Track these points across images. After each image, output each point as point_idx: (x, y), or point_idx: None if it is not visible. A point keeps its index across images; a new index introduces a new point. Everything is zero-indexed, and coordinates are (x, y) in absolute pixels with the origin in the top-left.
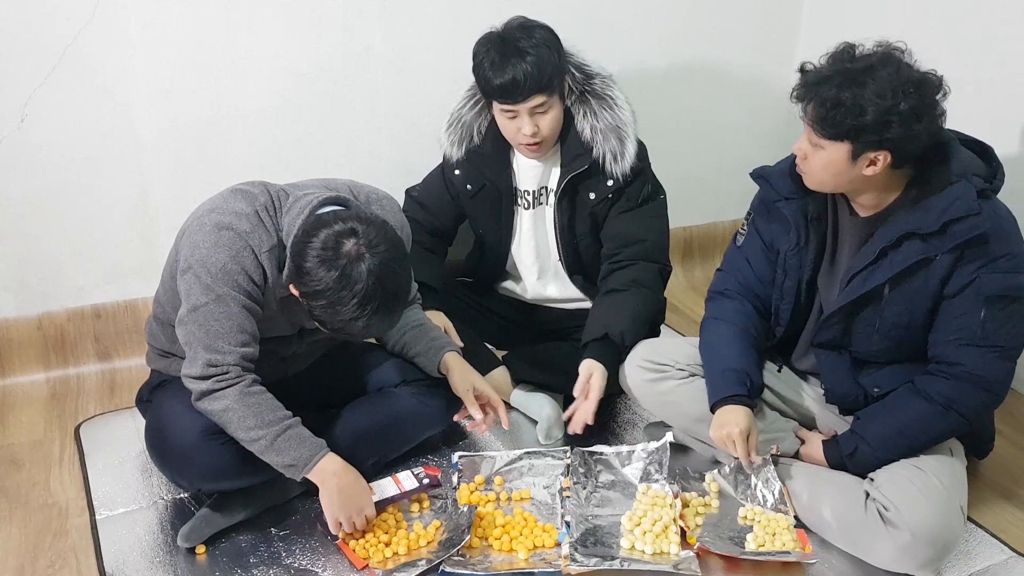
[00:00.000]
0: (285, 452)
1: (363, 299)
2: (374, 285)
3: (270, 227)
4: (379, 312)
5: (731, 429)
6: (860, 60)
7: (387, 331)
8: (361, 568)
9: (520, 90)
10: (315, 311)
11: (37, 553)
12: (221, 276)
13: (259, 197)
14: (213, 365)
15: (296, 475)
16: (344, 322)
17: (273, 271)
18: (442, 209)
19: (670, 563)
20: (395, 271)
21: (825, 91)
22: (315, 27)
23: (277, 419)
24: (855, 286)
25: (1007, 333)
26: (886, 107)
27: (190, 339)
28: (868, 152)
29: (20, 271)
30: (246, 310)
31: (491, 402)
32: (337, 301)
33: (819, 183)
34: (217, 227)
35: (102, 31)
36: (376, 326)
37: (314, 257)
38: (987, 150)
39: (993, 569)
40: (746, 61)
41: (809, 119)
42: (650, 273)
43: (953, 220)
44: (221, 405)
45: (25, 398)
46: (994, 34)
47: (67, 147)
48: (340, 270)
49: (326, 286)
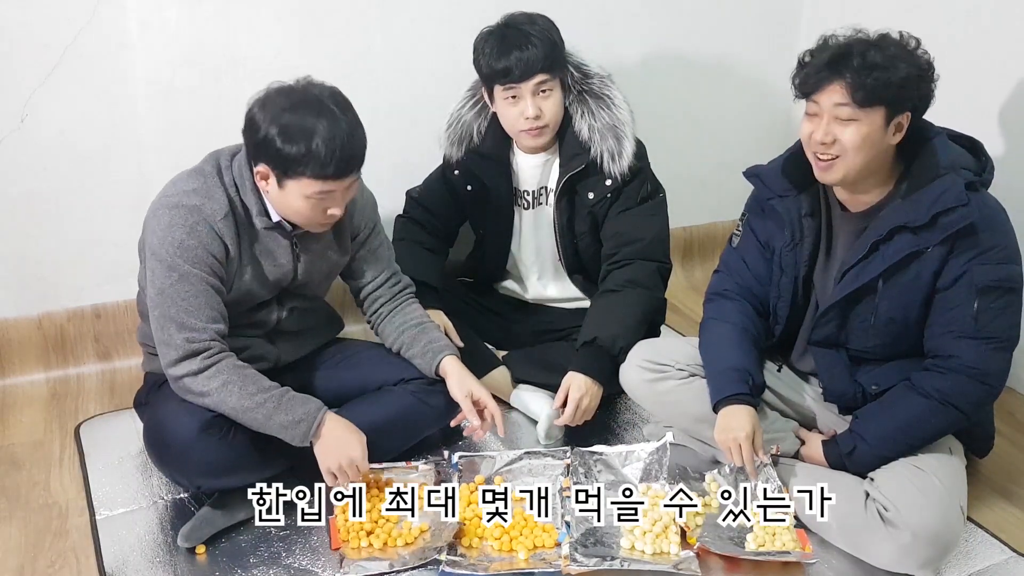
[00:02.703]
0: (294, 409)
1: (319, 110)
2: (330, 95)
3: (219, 193)
4: (339, 123)
5: (736, 434)
6: (864, 35)
7: (352, 153)
8: (334, 549)
9: (524, 67)
10: (282, 152)
11: (37, 553)
12: (180, 253)
13: (205, 168)
14: (192, 342)
15: (305, 431)
16: (307, 144)
17: (233, 235)
18: (442, 209)
19: (670, 563)
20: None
21: (853, 61)
22: (315, 27)
23: (273, 385)
24: (848, 281)
25: (1001, 324)
26: (912, 61)
27: (162, 322)
28: (898, 115)
29: (20, 271)
30: (211, 288)
31: (488, 408)
32: (295, 123)
33: (848, 166)
34: (168, 208)
35: (102, 31)
36: (340, 136)
37: (270, 113)
38: (976, 145)
39: (993, 569)
40: (746, 60)
41: (844, 90)
42: (647, 272)
43: (942, 212)
44: (219, 381)
45: (25, 398)
46: (994, 34)
47: (67, 147)
48: (292, 96)
49: (284, 116)
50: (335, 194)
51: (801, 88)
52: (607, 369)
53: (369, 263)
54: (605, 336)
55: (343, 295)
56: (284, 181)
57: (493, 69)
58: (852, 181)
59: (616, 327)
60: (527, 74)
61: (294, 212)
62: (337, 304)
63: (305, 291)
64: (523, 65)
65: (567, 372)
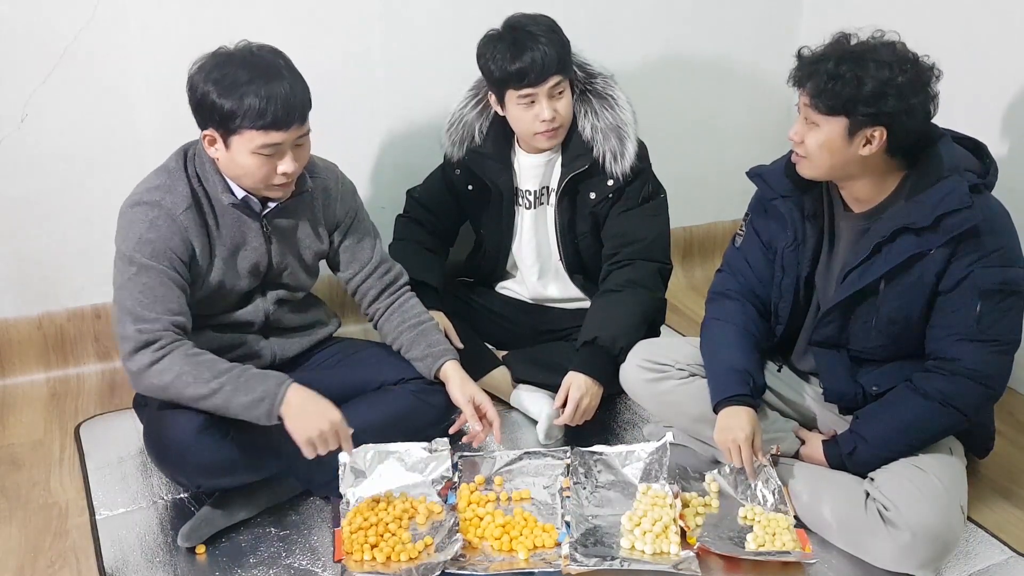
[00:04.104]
0: (253, 388)
1: (253, 63)
2: (269, 51)
3: (182, 186)
4: (275, 73)
5: (736, 434)
6: (858, 44)
7: (284, 99)
8: (336, 560)
9: (540, 70)
10: (220, 107)
11: (37, 553)
12: (139, 247)
13: (170, 164)
14: (143, 332)
15: (268, 408)
16: (243, 95)
17: (198, 226)
18: (443, 209)
19: (670, 563)
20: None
21: (824, 66)
22: (315, 27)
23: (232, 366)
24: (851, 282)
25: (1003, 327)
26: (884, 79)
27: (119, 315)
28: (865, 128)
29: (20, 271)
30: (171, 281)
31: (488, 416)
32: (230, 75)
33: (815, 167)
34: (131, 206)
35: (102, 31)
36: (277, 86)
37: (205, 71)
38: (980, 147)
39: (993, 569)
40: (747, 61)
41: (807, 94)
42: (647, 272)
43: (945, 214)
44: (171, 374)
45: (25, 398)
46: (994, 35)
47: (67, 147)
48: (229, 55)
49: (217, 72)
50: (282, 147)
51: (792, 81)
52: (607, 369)
53: (354, 252)
54: (605, 336)
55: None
56: (229, 140)
57: (507, 72)
58: (830, 179)
59: (616, 327)
60: (543, 76)
61: (245, 173)
62: (336, 303)
63: (287, 280)
64: (538, 68)
65: (567, 372)
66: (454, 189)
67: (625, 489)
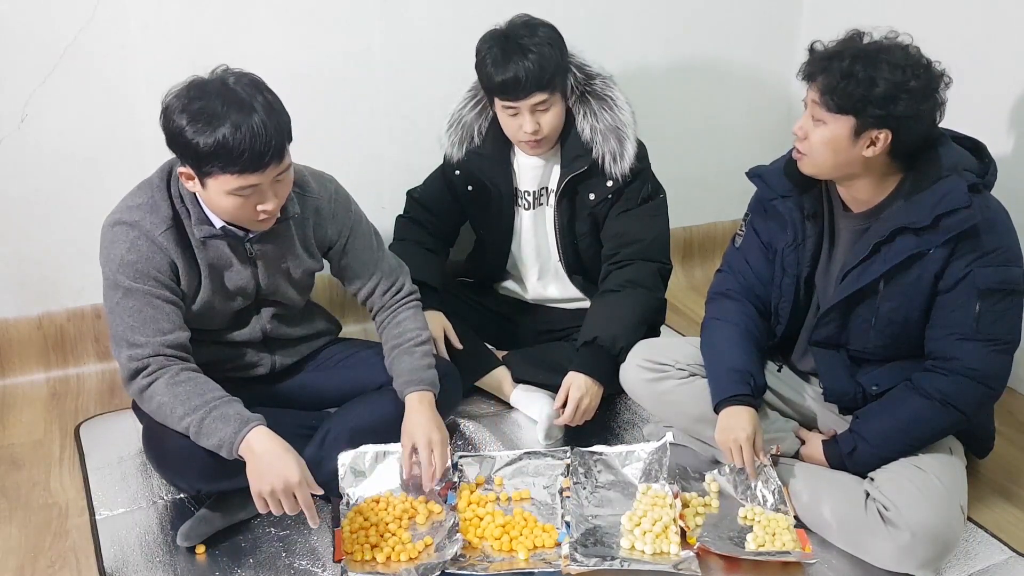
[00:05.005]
0: (212, 434)
1: (227, 99)
2: (249, 83)
3: (164, 205)
4: (248, 111)
5: (737, 434)
6: (872, 43)
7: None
8: (336, 560)
9: (521, 87)
10: (193, 147)
11: (37, 553)
12: (122, 269)
13: (154, 180)
14: (134, 360)
15: (229, 455)
16: (215, 137)
17: (179, 247)
18: (443, 210)
19: (670, 563)
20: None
21: (837, 64)
22: (315, 27)
23: (204, 402)
24: (850, 282)
25: (1002, 327)
26: (896, 81)
27: (114, 341)
28: (871, 130)
29: (20, 271)
30: (160, 300)
31: (424, 460)
32: (203, 116)
33: (817, 164)
34: (111, 226)
35: (102, 31)
36: (250, 126)
37: (179, 105)
38: (979, 147)
39: (993, 569)
40: (747, 61)
41: (817, 91)
42: (647, 272)
43: (944, 213)
44: (155, 402)
45: (25, 398)
46: (995, 36)
47: (67, 147)
48: (202, 87)
49: (193, 106)
50: (261, 187)
51: (801, 74)
52: (607, 369)
53: (355, 269)
54: (605, 336)
55: (343, 295)
56: (204, 180)
57: (492, 82)
58: (831, 178)
59: (616, 327)
60: (524, 93)
61: (223, 211)
62: (336, 304)
63: (279, 298)
64: (520, 85)
65: (567, 372)
66: (454, 189)
67: (625, 489)
